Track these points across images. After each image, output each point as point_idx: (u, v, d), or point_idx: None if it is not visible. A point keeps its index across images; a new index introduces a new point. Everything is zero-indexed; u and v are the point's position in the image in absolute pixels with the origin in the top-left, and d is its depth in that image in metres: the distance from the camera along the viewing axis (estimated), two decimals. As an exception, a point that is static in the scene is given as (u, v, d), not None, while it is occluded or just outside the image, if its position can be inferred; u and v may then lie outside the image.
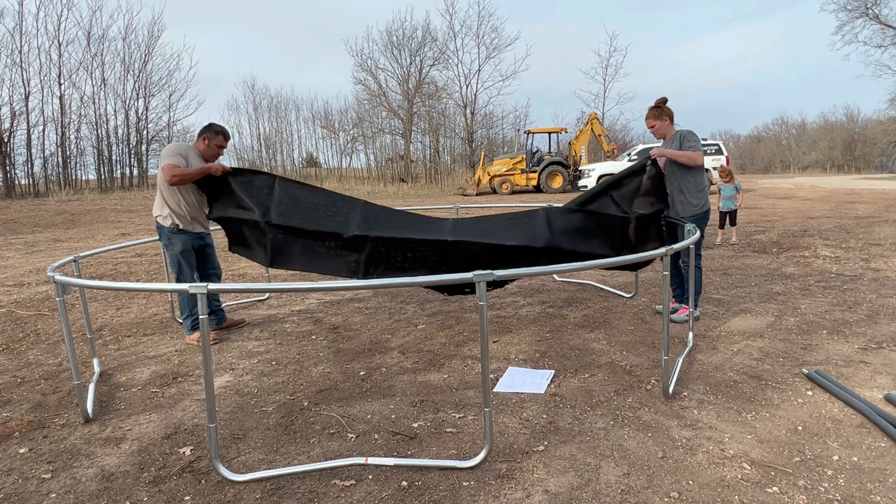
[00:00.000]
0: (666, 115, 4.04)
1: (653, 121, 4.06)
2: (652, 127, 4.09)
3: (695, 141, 3.92)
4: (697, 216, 3.94)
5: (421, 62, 32.53)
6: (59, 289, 2.58)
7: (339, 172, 36.26)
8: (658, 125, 4.05)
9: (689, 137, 3.94)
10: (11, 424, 2.78)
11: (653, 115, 4.06)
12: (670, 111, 4.06)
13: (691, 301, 3.62)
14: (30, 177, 25.38)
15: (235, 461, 2.36)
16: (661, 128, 4.06)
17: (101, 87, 27.86)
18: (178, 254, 3.80)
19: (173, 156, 3.68)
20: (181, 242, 3.80)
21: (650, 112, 4.08)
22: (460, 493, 2.07)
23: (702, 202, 3.95)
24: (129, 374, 3.44)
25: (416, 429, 2.59)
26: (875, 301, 4.44)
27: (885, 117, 38.79)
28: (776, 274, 5.58)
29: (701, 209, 3.95)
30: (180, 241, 3.80)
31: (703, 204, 3.96)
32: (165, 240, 3.83)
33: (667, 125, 4.05)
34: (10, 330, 4.50)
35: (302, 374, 3.34)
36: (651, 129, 4.10)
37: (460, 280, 2.18)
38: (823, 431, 2.43)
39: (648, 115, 4.09)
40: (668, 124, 4.05)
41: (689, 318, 3.76)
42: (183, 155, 3.72)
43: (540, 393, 2.93)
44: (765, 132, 59.64)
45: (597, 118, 23.40)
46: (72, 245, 9.63)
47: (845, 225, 9.22)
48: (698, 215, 3.94)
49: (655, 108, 4.06)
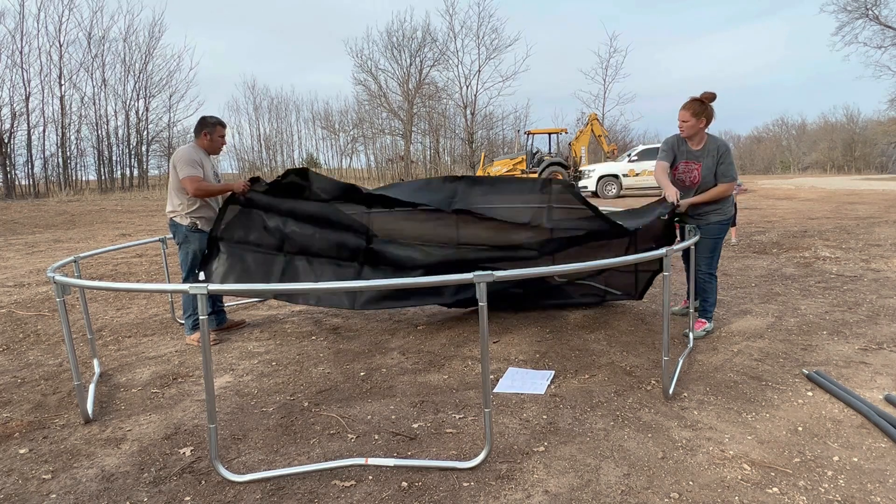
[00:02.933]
0: (706, 115, 3.50)
1: (689, 116, 3.49)
2: (684, 122, 3.51)
3: (731, 164, 3.53)
4: (728, 220, 3.66)
5: (421, 63, 32.58)
6: (60, 289, 2.58)
7: (340, 173, 36.29)
8: (692, 122, 3.49)
9: (727, 156, 3.53)
10: (12, 425, 2.78)
11: (692, 108, 3.48)
12: (712, 112, 3.51)
13: (691, 302, 3.61)
14: (30, 177, 25.42)
15: (235, 462, 2.36)
16: (693, 126, 3.50)
17: (102, 88, 27.92)
18: (195, 251, 3.82)
19: (190, 165, 3.66)
20: (198, 241, 3.81)
21: (691, 104, 3.50)
22: (460, 493, 2.07)
23: (730, 207, 3.69)
24: (129, 374, 3.44)
25: (417, 429, 2.59)
26: (875, 302, 4.44)
27: (885, 118, 38.79)
28: (776, 275, 5.58)
29: (730, 214, 3.69)
30: (197, 240, 3.81)
31: (730, 209, 3.70)
32: (181, 237, 3.83)
33: (701, 127, 3.53)
34: (11, 330, 4.50)
35: (302, 374, 3.34)
36: (682, 123, 3.53)
37: (460, 280, 2.18)
38: (824, 432, 2.43)
39: (687, 105, 3.50)
40: (703, 127, 3.54)
41: (704, 333, 3.70)
42: (198, 161, 3.73)
43: (540, 393, 2.93)
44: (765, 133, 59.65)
45: (597, 119, 23.40)
46: (72, 245, 9.64)
47: (845, 226, 9.22)
48: (728, 220, 3.67)
49: (699, 102, 3.50)
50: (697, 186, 3.63)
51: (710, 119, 3.52)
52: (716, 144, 3.55)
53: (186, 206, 3.77)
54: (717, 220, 3.63)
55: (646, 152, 18.27)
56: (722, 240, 3.70)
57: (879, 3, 28.69)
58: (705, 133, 3.58)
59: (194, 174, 3.66)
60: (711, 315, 3.78)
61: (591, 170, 18.86)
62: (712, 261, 3.70)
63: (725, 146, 3.56)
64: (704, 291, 3.74)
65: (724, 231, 3.68)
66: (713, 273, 3.72)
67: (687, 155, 3.66)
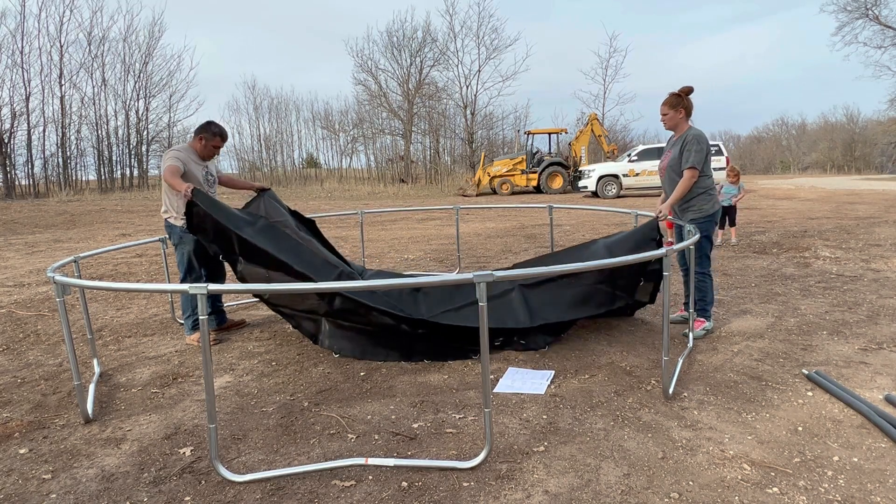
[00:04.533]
0: (683, 106, 3.66)
1: (667, 108, 3.69)
2: (664, 115, 3.71)
3: (696, 151, 3.56)
4: (706, 218, 3.68)
5: (421, 63, 32.57)
6: (60, 289, 2.58)
7: (340, 173, 36.29)
8: (671, 115, 3.68)
9: (691, 144, 3.58)
10: (12, 425, 2.78)
11: (670, 101, 3.68)
12: (689, 104, 3.68)
13: (691, 304, 3.60)
14: (30, 177, 25.41)
15: (235, 462, 2.36)
16: (673, 118, 3.69)
17: (102, 88, 27.91)
18: (189, 252, 3.82)
19: (174, 158, 3.75)
20: (192, 241, 3.81)
21: (668, 98, 3.69)
22: (460, 493, 2.07)
23: (709, 205, 3.68)
24: (129, 374, 3.44)
25: (416, 429, 2.59)
26: (875, 302, 4.44)
27: (885, 118, 38.79)
28: (776, 274, 5.58)
29: (710, 212, 3.68)
30: (192, 241, 3.81)
31: (711, 207, 3.69)
32: (176, 238, 3.84)
33: (680, 118, 3.68)
34: (11, 330, 4.50)
35: (302, 374, 3.34)
36: (663, 117, 3.73)
37: (461, 280, 2.18)
38: (823, 432, 2.43)
39: (665, 100, 3.70)
40: (683, 118, 3.68)
41: (704, 332, 3.70)
42: (183, 160, 3.77)
43: (540, 393, 2.92)
44: (765, 133, 59.69)
45: (597, 119, 23.42)
46: (72, 245, 9.63)
47: (845, 225, 9.22)
48: (707, 217, 3.68)
49: (675, 95, 3.68)
50: (665, 176, 3.81)
51: (688, 110, 3.68)
52: (687, 133, 3.64)
53: (180, 208, 3.76)
54: (694, 218, 3.67)
55: (646, 152, 18.26)
56: (707, 238, 3.69)
57: (879, 3, 28.74)
58: (687, 124, 3.71)
59: (172, 164, 3.68)
60: (710, 314, 3.78)
61: (591, 170, 18.86)
62: (705, 259, 3.73)
63: (694, 135, 3.61)
64: (700, 291, 3.74)
65: (707, 228, 3.68)
66: (706, 272, 3.74)
67: (667, 145, 3.87)
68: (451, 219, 12.15)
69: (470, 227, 10.61)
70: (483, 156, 24.02)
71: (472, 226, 10.97)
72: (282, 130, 36.60)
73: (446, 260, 7.04)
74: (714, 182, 3.81)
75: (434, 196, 23.63)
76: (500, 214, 12.91)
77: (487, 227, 10.58)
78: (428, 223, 11.80)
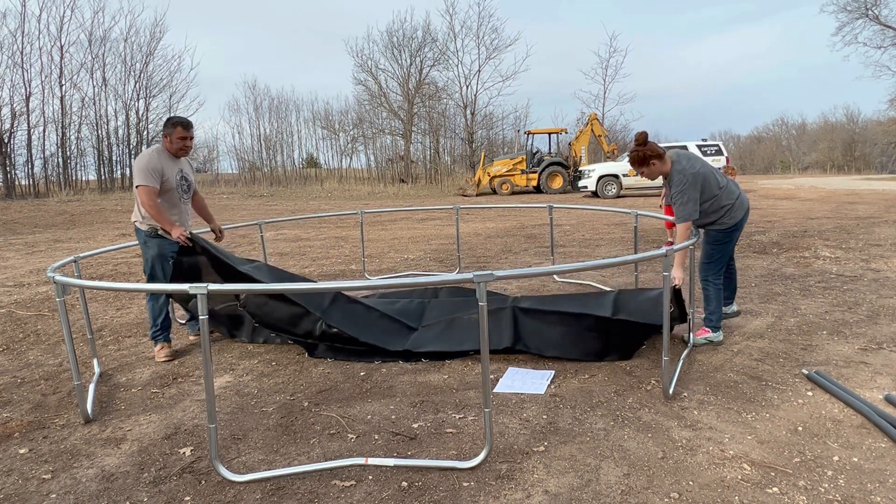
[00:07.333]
0: (651, 156, 3.40)
1: (638, 167, 3.46)
2: (642, 174, 3.50)
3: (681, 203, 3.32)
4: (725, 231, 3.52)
5: (421, 63, 32.54)
6: (60, 289, 2.58)
7: (340, 173, 36.25)
8: (646, 170, 3.46)
9: (676, 196, 3.36)
10: (12, 425, 2.78)
11: (637, 160, 3.43)
12: (654, 148, 3.41)
13: (689, 310, 3.57)
14: (30, 177, 25.37)
15: (235, 462, 2.36)
16: (651, 171, 3.46)
17: (102, 88, 27.87)
18: (153, 257, 3.60)
19: (144, 172, 3.46)
20: (157, 246, 3.60)
21: (632, 157, 3.46)
22: (460, 493, 2.07)
23: (729, 217, 3.48)
24: (129, 374, 3.44)
25: (416, 429, 2.59)
26: (875, 301, 4.44)
27: (885, 118, 38.76)
28: (776, 274, 5.58)
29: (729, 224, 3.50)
30: (156, 245, 3.60)
31: (732, 219, 3.49)
32: (141, 242, 3.65)
33: (656, 167, 3.43)
34: (11, 330, 4.50)
35: (302, 374, 3.34)
36: (642, 175, 3.52)
37: (461, 280, 2.19)
38: (823, 432, 2.43)
39: (632, 160, 3.48)
40: (658, 163, 3.42)
41: (705, 342, 3.56)
42: (157, 169, 3.51)
43: (540, 393, 2.93)
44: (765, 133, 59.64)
45: (597, 119, 23.42)
46: (72, 245, 9.63)
47: (845, 225, 9.22)
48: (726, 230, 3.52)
49: (635, 152, 3.44)
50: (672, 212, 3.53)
51: (658, 154, 3.40)
52: (672, 173, 3.43)
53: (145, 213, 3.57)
54: (715, 229, 3.52)
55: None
56: (721, 249, 3.54)
57: (879, 3, 28.71)
58: (667, 163, 3.44)
59: (147, 184, 3.46)
60: (714, 324, 3.59)
61: (591, 170, 18.85)
62: (709, 267, 3.58)
63: (678, 173, 3.38)
64: (704, 299, 3.64)
65: (721, 239, 3.53)
66: (709, 280, 3.58)
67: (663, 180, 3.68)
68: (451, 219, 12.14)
69: (470, 227, 10.61)
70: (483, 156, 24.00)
71: (472, 226, 10.96)
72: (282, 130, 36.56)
73: (446, 260, 7.04)
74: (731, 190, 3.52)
75: (434, 196, 23.63)
76: (500, 214, 12.91)
77: (487, 227, 10.57)
78: (428, 223, 11.80)
